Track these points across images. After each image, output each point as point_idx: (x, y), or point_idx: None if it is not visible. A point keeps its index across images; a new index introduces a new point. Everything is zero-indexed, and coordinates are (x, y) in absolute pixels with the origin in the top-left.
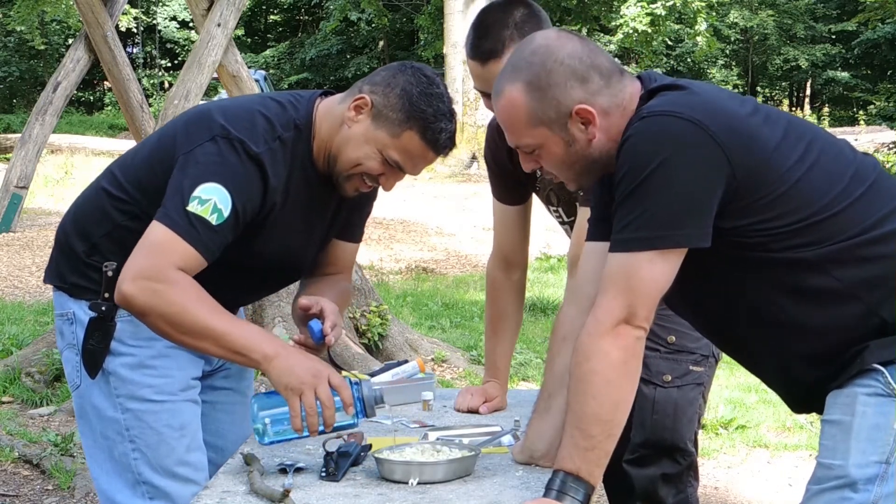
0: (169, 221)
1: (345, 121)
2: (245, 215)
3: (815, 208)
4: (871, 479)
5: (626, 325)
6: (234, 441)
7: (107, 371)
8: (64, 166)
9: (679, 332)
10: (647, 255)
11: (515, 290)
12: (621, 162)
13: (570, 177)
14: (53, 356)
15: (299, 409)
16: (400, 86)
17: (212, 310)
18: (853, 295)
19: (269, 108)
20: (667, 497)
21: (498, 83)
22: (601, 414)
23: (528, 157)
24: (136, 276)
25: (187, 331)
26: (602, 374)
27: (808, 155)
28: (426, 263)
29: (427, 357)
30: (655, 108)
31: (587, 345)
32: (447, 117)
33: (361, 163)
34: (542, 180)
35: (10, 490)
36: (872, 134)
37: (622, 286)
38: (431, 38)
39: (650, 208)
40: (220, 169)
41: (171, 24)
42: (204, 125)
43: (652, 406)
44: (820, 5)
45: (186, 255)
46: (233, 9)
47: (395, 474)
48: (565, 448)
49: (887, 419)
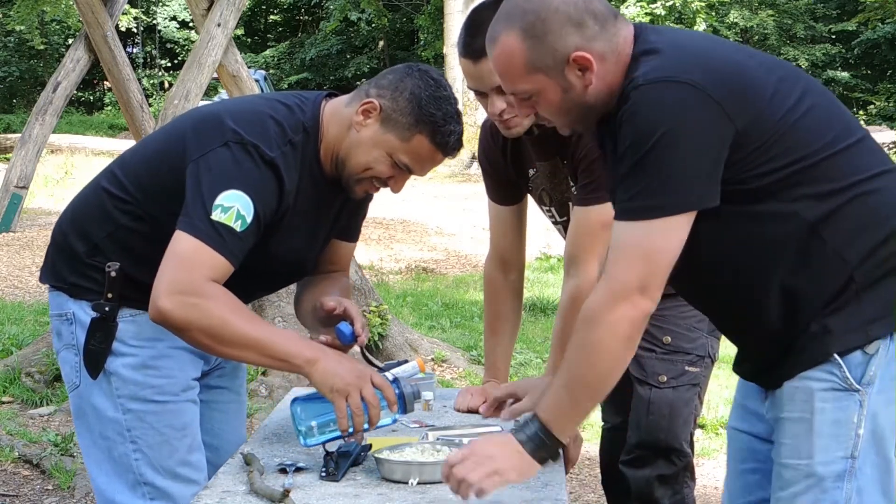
0: (195, 231)
1: (353, 125)
2: (266, 219)
3: (810, 150)
4: (839, 476)
5: (639, 297)
6: (229, 440)
7: (108, 371)
8: (64, 166)
9: (675, 332)
10: (660, 223)
11: (513, 290)
12: (623, 134)
13: (565, 122)
14: (53, 356)
15: (346, 410)
16: (409, 89)
17: (249, 319)
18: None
19: (278, 111)
20: (663, 498)
21: (492, 30)
22: (594, 382)
23: (524, 103)
24: (171, 290)
25: (229, 342)
26: (607, 344)
27: (803, 102)
28: (426, 263)
29: (427, 357)
30: (650, 75)
31: (597, 313)
32: (455, 119)
33: (371, 167)
34: (535, 180)
35: (10, 490)
36: (872, 134)
37: (637, 255)
38: (431, 38)
39: (659, 176)
40: (238, 175)
41: (171, 24)
42: (215, 129)
43: (647, 407)
44: (820, 5)
45: (216, 264)
46: (233, 9)
47: (395, 474)
48: (549, 400)
49: (847, 413)
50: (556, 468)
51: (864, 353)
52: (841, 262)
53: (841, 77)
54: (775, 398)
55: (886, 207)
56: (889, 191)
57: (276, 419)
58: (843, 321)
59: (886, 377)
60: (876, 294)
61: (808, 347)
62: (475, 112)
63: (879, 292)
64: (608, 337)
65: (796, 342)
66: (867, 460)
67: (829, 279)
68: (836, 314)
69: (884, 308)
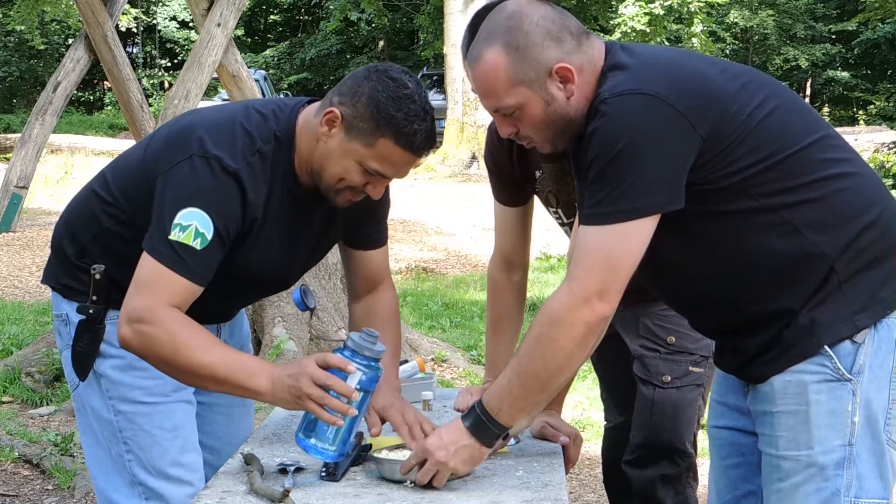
0: (155, 253)
1: (319, 136)
2: (229, 233)
3: (776, 147)
4: (839, 464)
5: (598, 301)
6: (231, 442)
7: (98, 373)
8: (64, 166)
9: (679, 332)
10: (621, 227)
11: (516, 290)
12: (590, 149)
13: (547, 137)
14: (53, 356)
15: (318, 408)
16: (366, 94)
17: (201, 348)
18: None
19: (252, 120)
20: (665, 498)
21: (474, 49)
22: (544, 375)
23: (507, 120)
24: (129, 318)
25: (183, 371)
26: (560, 343)
27: (766, 104)
28: (426, 263)
29: (427, 357)
30: (616, 89)
31: (555, 311)
32: (420, 117)
33: (344, 177)
34: (542, 181)
35: (10, 490)
36: (872, 134)
37: (599, 260)
38: (431, 37)
39: (623, 182)
40: (196, 192)
41: (171, 24)
42: (184, 141)
43: (651, 407)
44: (820, 5)
45: (178, 286)
46: (233, 9)
47: (395, 474)
48: (498, 389)
49: (841, 403)
50: (556, 468)
51: (852, 343)
52: (820, 255)
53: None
54: (760, 392)
55: (859, 200)
56: (859, 184)
57: (276, 419)
58: (830, 313)
59: (875, 365)
60: (859, 285)
61: (798, 341)
62: (475, 112)
63: (862, 283)
64: (563, 336)
65: (782, 336)
66: (864, 446)
67: (810, 273)
68: (822, 307)
69: (869, 298)
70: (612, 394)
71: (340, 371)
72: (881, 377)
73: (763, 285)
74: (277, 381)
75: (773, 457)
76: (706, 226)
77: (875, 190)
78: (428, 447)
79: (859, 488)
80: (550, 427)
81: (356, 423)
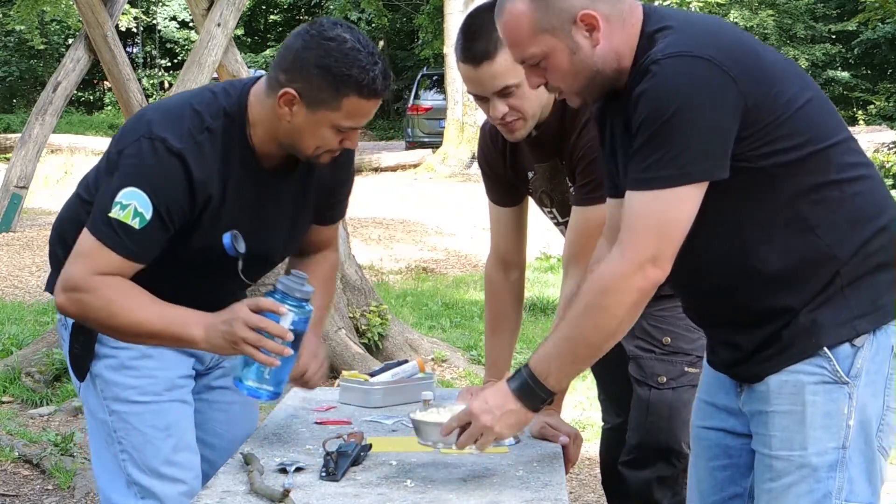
0: (94, 229)
1: (280, 117)
2: (171, 214)
3: (807, 138)
4: (832, 466)
5: (651, 267)
6: (231, 440)
7: (93, 374)
8: (64, 166)
9: (674, 333)
10: (675, 192)
11: (514, 290)
12: (640, 110)
13: (576, 89)
14: (53, 356)
15: (254, 350)
16: (313, 63)
17: (138, 306)
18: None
19: (203, 98)
20: (662, 499)
21: (499, 4)
22: (594, 342)
23: (534, 70)
24: (64, 286)
25: (123, 331)
26: (613, 310)
27: (803, 93)
28: (426, 263)
29: (427, 357)
30: (668, 50)
31: (608, 279)
32: (371, 62)
33: (320, 144)
34: (534, 182)
35: (10, 490)
36: (872, 134)
37: (652, 225)
38: (431, 37)
39: (674, 147)
40: (138, 172)
41: (171, 23)
42: (134, 126)
43: (647, 408)
44: (820, 5)
45: (110, 260)
46: (233, 9)
47: (430, 437)
48: (546, 353)
49: (838, 405)
50: (556, 468)
51: (851, 346)
52: (830, 257)
53: (841, 77)
54: (755, 392)
55: (872, 205)
56: (872, 190)
57: (276, 419)
58: (830, 315)
59: (872, 370)
60: (861, 289)
61: (797, 341)
62: (475, 112)
63: (864, 288)
64: (616, 304)
65: (781, 335)
66: (856, 450)
67: (816, 273)
68: (823, 308)
69: (870, 304)
70: (608, 395)
71: (273, 313)
72: (877, 382)
73: (767, 280)
74: (211, 329)
75: (766, 456)
76: (728, 205)
77: (885, 197)
78: (473, 410)
79: (850, 492)
80: (550, 427)
81: (291, 362)
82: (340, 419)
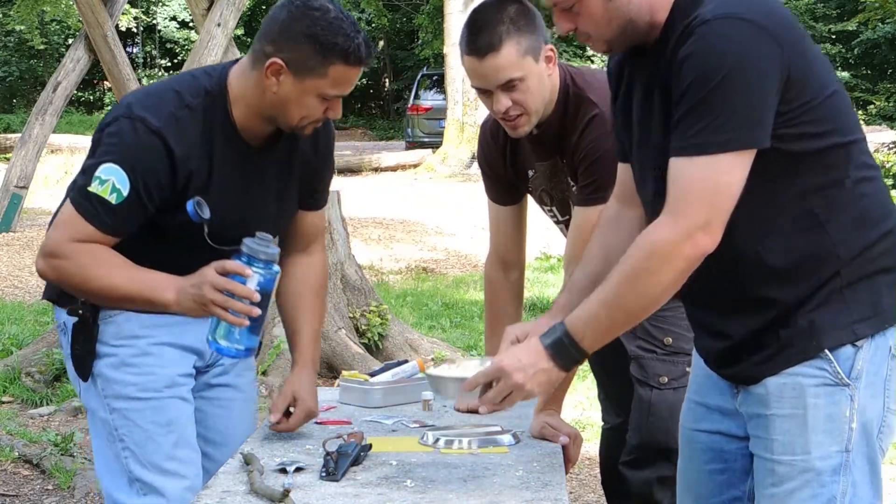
0: (74, 202)
1: (266, 88)
2: (150, 191)
3: (831, 128)
4: (836, 470)
5: (702, 234)
6: (233, 437)
7: (94, 374)
8: (64, 166)
9: (676, 333)
10: (726, 158)
11: (513, 289)
12: (686, 73)
13: (606, 36)
14: (53, 356)
15: (223, 311)
16: (301, 32)
17: (112, 272)
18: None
19: (183, 81)
20: (663, 499)
21: None
22: (634, 308)
23: (565, 14)
24: (43, 252)
25: (98, 296)
26: (659, 277)
27: (830, 84)
28: (426, 263)
29: (427, 357)
30: (717, 11)
31: (657, 245)
32: (354, 30)
33: (305, 115)
34: (534, 181)
35: (10, 490)
36: (872, 134)
37: (703, 191)
38: (431, 37)
39: (726, 111)
40: (118, 149)
41: (171, 24)
42: (117, 109)
43: (648, 408)
44: (820, 5)
45: (86, 231)
46: (233, 9)
47: (450, 393)
48: (584, 315)
49: (839, 408)
50: (556, 468)
51: (853, 347)
52: (834, 256)
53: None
54: (752, 395)
55: (879, 209)
56: (880, 192)
57: None
58: (829, 317)
59: (871, 371)
60: (858, 292)
61: (796, 342)
62: (475, 112)
63: (863, 290)
64: (664, 271)
65: (778, 336)
66: (859, 453)
67: (816, 271)
68: (821, 309)
69: (871, 308)
70: (609, 395)
71: (239, 276)
72: (876, 384)
73: (765, 269)
74: (182, 292)
75: (767, 461)
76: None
77: (889, 201)
78: (505, 367)
79: (854, 495)
80: (550, 427)
81: (261, 321)
82: (340, 419)
